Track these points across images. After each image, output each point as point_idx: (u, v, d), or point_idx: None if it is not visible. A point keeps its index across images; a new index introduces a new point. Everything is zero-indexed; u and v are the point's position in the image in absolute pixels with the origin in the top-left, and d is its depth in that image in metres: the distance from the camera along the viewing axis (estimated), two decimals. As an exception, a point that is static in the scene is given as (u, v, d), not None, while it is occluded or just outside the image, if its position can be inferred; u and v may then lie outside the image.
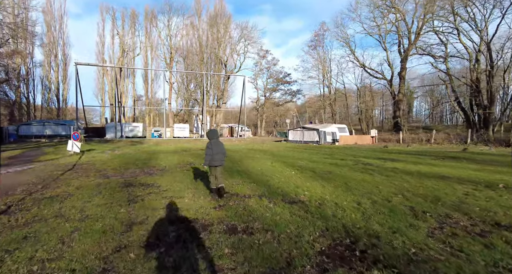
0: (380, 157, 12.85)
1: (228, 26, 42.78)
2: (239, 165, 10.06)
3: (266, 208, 4.48)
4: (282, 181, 6.85)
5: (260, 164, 10.15)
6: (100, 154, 14.87)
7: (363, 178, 7.08)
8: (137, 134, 33.81)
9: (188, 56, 43.79)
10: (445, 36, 24.32)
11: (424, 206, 4.54)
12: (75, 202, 4.91)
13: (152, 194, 5.49)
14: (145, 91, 51.04)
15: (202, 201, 5.03)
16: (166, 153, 15.32)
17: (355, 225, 3.69)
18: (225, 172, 8.33)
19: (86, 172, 8.38)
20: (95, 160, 11.71)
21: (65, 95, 47.06)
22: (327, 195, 5.36)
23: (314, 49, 47.10)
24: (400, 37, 32.14)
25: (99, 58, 48.49)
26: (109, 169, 9.05)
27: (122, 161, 11.59)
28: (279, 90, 52.32)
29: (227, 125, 46.84)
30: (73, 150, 14.31)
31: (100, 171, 8.63)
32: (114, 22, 47.54)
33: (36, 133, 28.80)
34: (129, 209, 4.50)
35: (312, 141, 27.07)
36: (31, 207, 4.56)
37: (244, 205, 4.71)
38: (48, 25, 44.62)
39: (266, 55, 49.82)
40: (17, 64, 36.97)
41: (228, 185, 6.39)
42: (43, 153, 14.40)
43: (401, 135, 26.32)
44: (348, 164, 10.19)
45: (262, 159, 12.16)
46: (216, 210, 4.45)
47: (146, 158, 12.49)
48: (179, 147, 20.62)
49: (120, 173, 8.24)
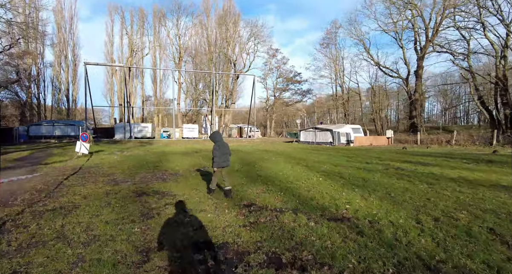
0: (406, 159, 11.88)
1: (237, 24, 42.08)
2: (258, 168, 9.28)
3: (308, 228, 3.68)
4: (312, 189, 6.04)
5: (280, 168, 9.35)
6: (108, 155, 14.32)
7: (405, 186, 6.20)
8: (146, 135, 33.42)
9: (196, 56, 43.28)
10: (467, 32, 23.03)
11: (506, 227, 3.66)
12: (80, 216, 4.21)
13: (168, 206, 4.76)
14: (154, 92, 50.81)
15: (227, 216, 4.27)
16: (176, 154, 14.68)
17: (433, 256, 2.86)
18: (246, 177, 7.58)
19: (94, 177, 7.74)
20: (104, 163, 11.11)
21: (74, 95, 47.19)
22: (373, 209, 4.53)
23: (326, 48, 45.87)
24: (416, 34, 30.80)
25: (107, 58, 48.46)
26: (118, 173, 8.40)
27: (131, 163, 10.96)
28: (289, 90, 51.27)
29: (236, 125, 46.18)
30: (81, 152, 13.80)
31: (108, 176, 7.98)
32: (123, 21, 47.47)
33: (45, 134, 28.67)
34: (144, 226, 3.77)
35: (325, 142, 26.09)
36: (29, 223, 3.88)
37: (279, 223, 3.92)
38: (59, 26, 44.78)
39: (275, 54, 48.88)
40: (28, 65, 37.09)
41: (252, 194, 5.62)
42: (51, 154, 13.93)
43: (419, 136, 25.10)
44: (377, 168, 9.29)
45: (280, 161, 11.35)
46: (247, 230, 3.68)
47: (157, 160, 11.84)
48: (189, 148, 20.00)
49: (130, 178, 7.56)
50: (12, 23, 23.72)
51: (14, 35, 26.16)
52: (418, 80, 29.14)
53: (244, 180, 7.18)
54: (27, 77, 36.96)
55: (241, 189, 6.13)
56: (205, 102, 44.52)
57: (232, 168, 9.57)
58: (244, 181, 7.11)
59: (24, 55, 35.66)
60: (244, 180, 7.18)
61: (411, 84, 31.33)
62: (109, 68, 49.42)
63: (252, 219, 4.11)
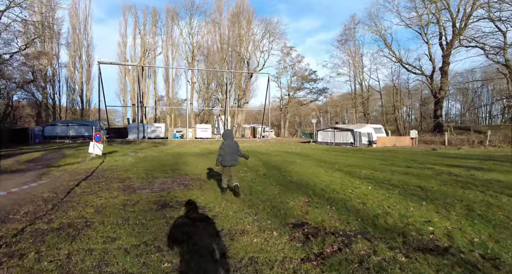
0: (449, 163, 10.55)
1: (250, 22, 41.12)
2: (287, 173, 8.26)
3: (402, 267, 2.63)
4: (368, 201, 4.96)
5: (313, 173, 8.29)
6: (122, 156, 13.64)
7: (484, 199, 5.03)
8: (159, 135, 32.96)
9: (209, 55, 42.61)
10: (503, 24, 21.20)
11: None
12: (92, 239, 3.31)
13: (199, 225, 3.80)
14: (166, 92, 50.56)
15: (278, 242, 3.27)
16: (193, 156, 13.84)
17: None
18: (278, 184, 6.54)
19: (107, 182, 6.91)
20: (118, 165, 10.35)
21: (88, 96, 47.52)
22: (470, 233, 3.42)
23: (345, 44, 44.13)
24: (441, 28, 28.95)
25: (121, 58, 48.54)
26: (135, 178, 7.56)
27: (147, 165, 10.16)
28: (304, 88, 49.86)
29: (249, 125, 45.29)
30: (95, 153, 13.15)
31: (124, 181, 7.14)
32: (136, 21, 47.42)
33: (60, 134, 28.59)
34: (175, 259, 2.81)
35: (346, 142, 24.75)
36: (27, 251, 3.00)
37: (354, 255, 2.88)
38: (74, 27, 45.17)
39: (290, 52, 47.59)
40: (44, 66, 37.39)
41: (297, 208, 4.60)
42: (63, 156, 13.36)
43: (446, 136, 23.40)
44: (425, 173, 8.08)
45: (310, 165, 10.28)
46: (314, 266, 2.66)
47: (174, 162, 11.01)
48: (204, 149, 19.19)
49: (148, 184, 6.69)
50: (27, 22, 23.64)
51: (30, 34, 26.15)
52: (444, 77, 27.29)
53: (278, 188, 6.17)
54: (43, 78, 37.26)
55: (279, 200, 5.13)
56: (217, 102, 43.81)
57: (256, 171, 8.60)
58: (278, 189, 6.10)
59: (40, 56, 35.96)
60: (277, 188, 6.17)
61: (435, 82, 29.47)
62: (122, 69, 49.56)
63: (315, 248, 3.09)
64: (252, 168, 9.38)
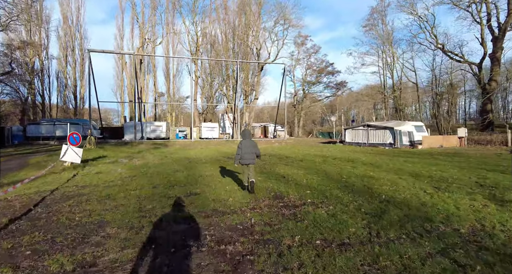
0: None
1: (261, 7, 36.85)
2: (391, 203, 4.26)
3: None
4: None
5: (402, 189, 4.30)
6: (111, 165, 9.67)
7: None
8: (160, 135, 28.96)
9: (214, 45, 38.42)
10: None
11: None
12: None
13: None
14: (167, 88, 46.35)
15: None
16: (208, 164, 9.86)
17: None
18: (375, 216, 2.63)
19: (55, 233, 2.92)
20: (95, 184, 6.35)
21: (82, 93, 43.46)
22: None
23: (371, 30, 38.71)
24: (489, 8, 24.43)
25: (117, 52, 44.46)
26: (117, 219, 3.58)
27: (144, 183, 6.19)
28: (320, 83, 44.70)
29: (258, 124, 41.28)
30: (70, 160, 9.16)
31: (91, 230, 3.16)
32: (134, 8, 43.19)
33: (45, 135, 24.59)
34: None
35: (383, 143, 20.72)
36: None
37: None
38: (65, 16, 41.14)
39: (305, 42, 42.84)
40: (29, 57, 33.28)
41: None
42: (23, 165, 9.36)
43: (509, 136, 19.39)
44: None
45: (395, 180, 6.25)
46: None
47: (186, 178, 7.01)
48: (217, 152, 15.18)
49: (140, 244, 2.69)
50: None
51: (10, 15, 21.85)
52: (496, 65, 23.25)
53: (374, 221, 2.17)
54: (29, 71, 33.13)
55: None
56: (224, 98, 39.69)
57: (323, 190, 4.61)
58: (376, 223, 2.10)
59: (26, 46, 31.92)
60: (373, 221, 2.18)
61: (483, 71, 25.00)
62: (119, 63, 45.52)
63: None
64: (313, 186, 5.35)
